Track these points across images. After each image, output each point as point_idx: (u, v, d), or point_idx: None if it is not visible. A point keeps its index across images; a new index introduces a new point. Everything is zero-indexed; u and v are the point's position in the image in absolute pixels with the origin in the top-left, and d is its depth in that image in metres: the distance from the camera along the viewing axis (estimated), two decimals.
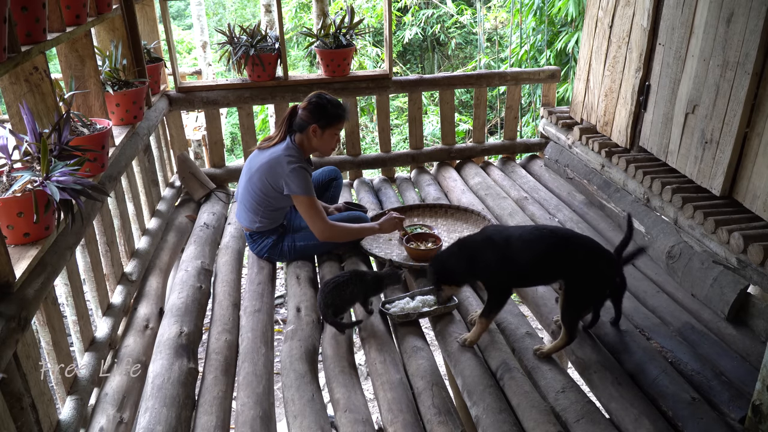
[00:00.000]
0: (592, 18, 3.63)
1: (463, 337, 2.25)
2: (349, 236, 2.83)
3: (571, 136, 3.78)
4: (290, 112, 2.74)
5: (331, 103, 2.68)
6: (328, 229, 2.71)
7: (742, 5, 2.41)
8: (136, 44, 3.12)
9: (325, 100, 2.68)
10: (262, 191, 2.72)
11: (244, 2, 13.83)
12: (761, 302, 2.29)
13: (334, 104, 2.69)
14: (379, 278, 2.45)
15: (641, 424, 1.83)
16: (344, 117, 2.72)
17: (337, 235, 2.77)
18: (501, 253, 2.11)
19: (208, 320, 2.55)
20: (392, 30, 4.11)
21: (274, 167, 2.67)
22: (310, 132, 2.69)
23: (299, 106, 2.73)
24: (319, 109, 2.66)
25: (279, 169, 2.65)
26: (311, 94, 2.72)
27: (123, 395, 2.03)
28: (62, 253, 1.97)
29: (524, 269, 2.12)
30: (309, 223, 2.71)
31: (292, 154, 2.67)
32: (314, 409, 1.95)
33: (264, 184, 2.70)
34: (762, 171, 2.39)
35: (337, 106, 2.70)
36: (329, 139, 2.73)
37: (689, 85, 2.78)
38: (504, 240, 2.13)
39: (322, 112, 2.66)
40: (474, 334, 2.21)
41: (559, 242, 2.09)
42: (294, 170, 2.63)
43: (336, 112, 2.69)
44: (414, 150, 4.16)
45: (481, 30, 7.82)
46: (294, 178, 2.63)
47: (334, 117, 2.68)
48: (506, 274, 2.13)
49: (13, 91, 2.05)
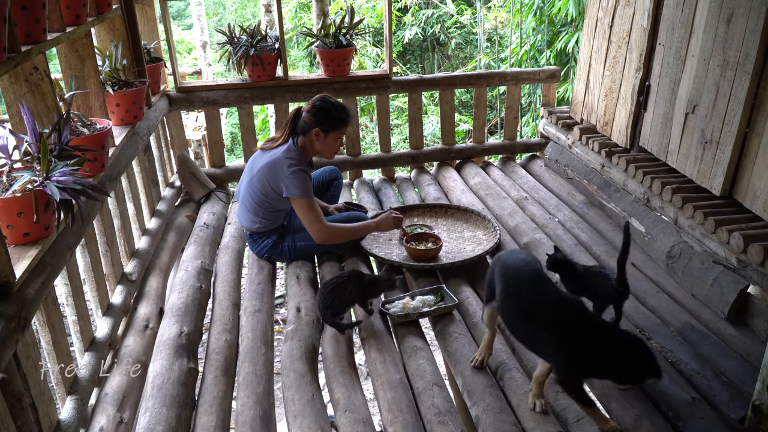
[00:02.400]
0: (592, 18, 3.63)
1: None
2: (347, 237, 2.82)
3: (571, 136, 3.78)
4: (294, 113, 2.74)
5: (335, 107, 2.68)
6: (326, 231, 2.71)
7: (742, 5, 2.41)
8: (136, 44, 3.12)
9: (330, 104, 2.68)
10: (263, 192, 2.72)
11: (244, 2, 13.83)
12: (761, 302, 2.29)
13: (338, 108, 2.69)
14: (375, 281, 2.45)
15: (641, 424, 1.83)
16: (348, 122, 2.72)
17: (334, 237, 2.77)
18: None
19: (208, 320, 2.55)
20: (392, 30, 4.11)
21: (274, 169, 2.67)
22: (313, 135, 2.69)
23: (303, 109, 2.73)
24: (323, 113, 2.66)
25: (279, 171, 2.65)
26: (316, 97, 2.72)
27: (123, 395, 2.03)
28: (62, 253, 1.97)
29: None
30: (306, 226, 2.71)
31: (292, 156, 2.67)
32: (314, 409, 1.95)
33: (264, 186, 2.71)
34: (762, 171, 2.39)
35: (341, 110, 2.70)
36: (332, 143, 2.73)
37: (689, 85, 2.78)
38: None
39: (326, 116, 2.66)
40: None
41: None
42: (293, 173, 2.63)
43: (340, 116, 2.68)
44: (414, 150, 4.16)
45: (481, 30, 7.82)
46: (293, 180, 2.63)
47: (338, 121, 2.68)
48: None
49: (13, 91, 2.05)
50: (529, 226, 3.15)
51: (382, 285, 2.44)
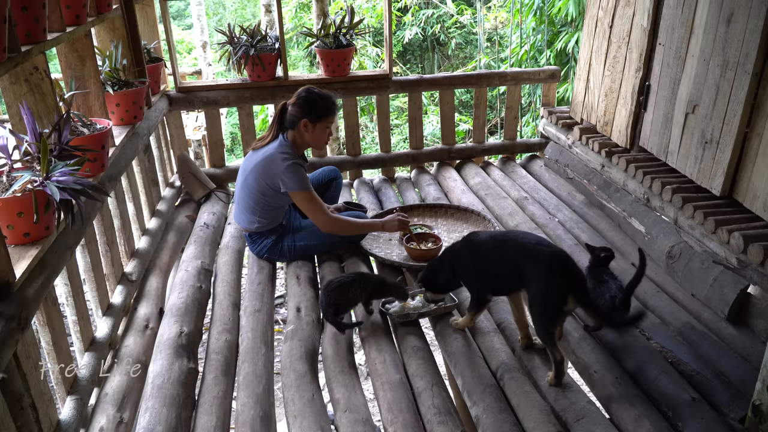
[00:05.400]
0: (592, 18, 3.63)
1: (454, 319, 2.36)
2: (352, 230, 2.82)
3: (571, 136, 3.78)
4: (280, 109, 2.74)
5: (320, 97, 2.69)
6: (332, 222, 2.71)
7: (742, 5, 2.41)
8: (136, 44, 3.12)
9: (314, 94, 2.69)
10: (259, 191, 2.72)
11: (244, 2, 13.83)
12: (761, 302, 2.29)
13: (323, 98, 2.70)
14: (385, 284, 2.43)
15: (641, 424, 1.83)
16: (334, 110, 2.73)
17: (340, 228, 2.76)
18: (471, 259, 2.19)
19: (208, 320, 2.54)
20: (392, 30, 4.11)
21: (269, 165, 2.67)
22: (302, 127, 2.69)
23: (288, 103, 2.73)
24: (309, 104, 2.67)
25: (274, 168, 2.65)
26: (300, 89, 2.73)
27: (123, 395, 2.03)
28: (62, 253, 1.97)
29: (490, 275, 2.15)
30: (311, 217, 2.71)
31: (286, 151, 2.67)
32: (314, 409, 1.95)
33: (260, 184, 2.71)
34: (762, 171, 2.39)
35: (327, 99, 2.70)
36: (321, 133, 2.73)
37: (689, 85, 2.78)
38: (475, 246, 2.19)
39: (312, 107, 2.67)
40: (461, 321, 2.33)
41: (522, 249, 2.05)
42: (289, 167, 2.63)
43: (326, 105, 2.69)
44: (414, 150, 4.16)
45: (481, 30, 7.82)
46: (289, 174, 2.63)
47: (325, 110, 2.69)
48: (477, 279, 2.19)
49: (13, 91, 2.05)
50: (529, 226, 3.15)
51: (392, 291, 2.42)
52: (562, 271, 1.94)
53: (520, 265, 2.02)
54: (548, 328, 1.96)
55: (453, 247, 2.30)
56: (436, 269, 2.32)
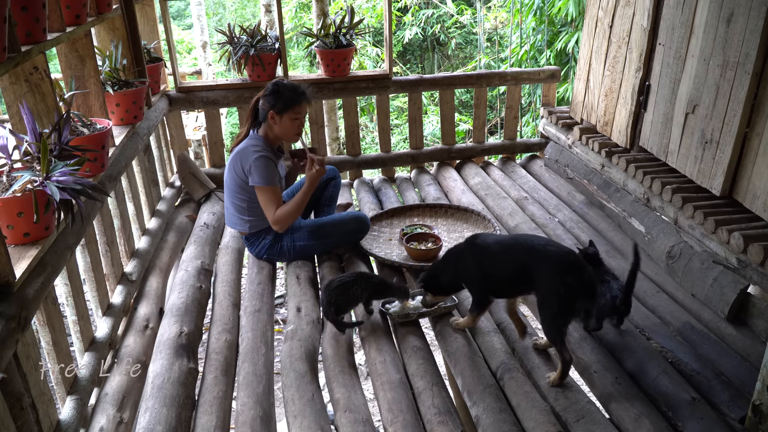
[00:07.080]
0: (592, 18, 3.63)
1: (455, 319, 2.37)
2: (298, 208, 2.72)
3: (571, 136, 3.78)
4: (254, 104, 2.75)
5: (286, 88, 2.69)
6: (278, 220, 2.70)
7: (742, 5, 2.41)
8: (136, 44, 3.12)
9: (281, 85, 2.69)
10: (239, 186, 2.73)
11: (244, 2, 13.82)
12: (761, 302, 2.29)
13: (289, 88, 2.69)
14: (385, 284, 2.43)
15: (641, 424, 1.83)
16: (301, 100, 2.69)
17: (288, 218, 2.72)
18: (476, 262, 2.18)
19: (208, 320, 2.55)
20: (392, 30, 4.11)
21: (241, 158, 2.68)
22: (270, 119, 2.69)
23: (259, 96, 2.74)
24: (275, 95, 2.67)
25: (245, 160, 2.67)
26: (269, 83, 2.73)
27: (123, 395, 2.03)
28: (62, 253, 1.97)
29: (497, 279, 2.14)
30: (265, 214, 2.72)
31: (256, 144, 2.69)
32: (314, 409, 1.95)
33: (235, 179, 2.72)
34: (762, 171, 2.39)
35: (293, 90, 2.69)
36: (289, 124, 2.71)
37: (689, 85, 2.78)
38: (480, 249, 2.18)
39: (278, 97, 2.66)
40: (462, 321, 2.32)
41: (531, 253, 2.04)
42: (257, 159, 2.64)
43: (291, 95, 2.67)
44: (414, 150, 4.16)
45: (481, 30, 7.82)
46: (257, 168, 2.64)
47: (290, 100, 2.67)
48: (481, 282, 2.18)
49: (13, 91, 2.05)
50: (529, 226, 3.15)
51: (394, 292, 2.42)
52: (573, 271, 1.95)
53: (530, 267, 2.02)
54: (560, 328, 1.96)
55: (455, 249, 2.30)
56: (438, 271, 2.32)
